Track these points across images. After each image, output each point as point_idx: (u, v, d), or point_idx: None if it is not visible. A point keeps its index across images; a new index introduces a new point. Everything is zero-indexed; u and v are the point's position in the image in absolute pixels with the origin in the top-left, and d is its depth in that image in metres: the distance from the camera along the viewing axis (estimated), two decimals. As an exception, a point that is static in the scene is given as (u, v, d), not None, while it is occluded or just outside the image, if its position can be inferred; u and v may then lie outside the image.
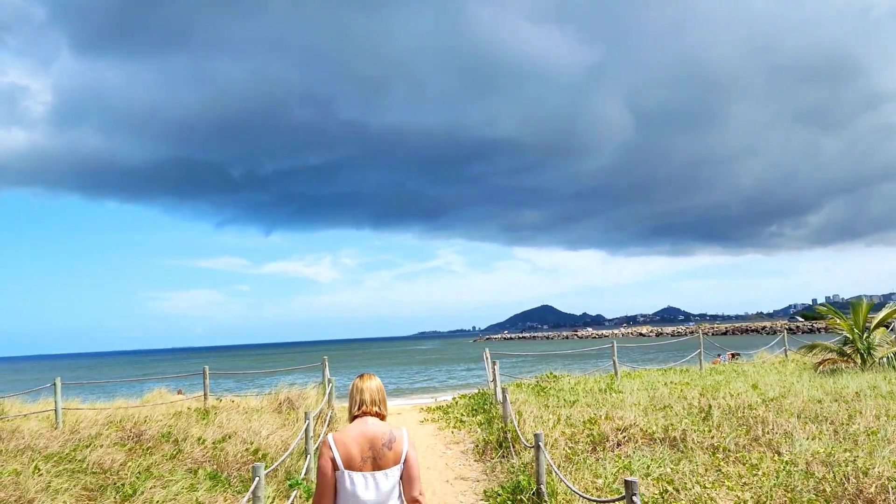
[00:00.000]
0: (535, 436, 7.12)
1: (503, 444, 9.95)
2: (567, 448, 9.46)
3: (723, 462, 8.92)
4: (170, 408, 13.29)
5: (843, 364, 16.90)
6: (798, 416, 11.04)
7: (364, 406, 3.56)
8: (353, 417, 3.58)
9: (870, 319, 17.26)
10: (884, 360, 15.95)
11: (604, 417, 11.56)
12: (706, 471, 8.53)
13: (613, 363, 17.05)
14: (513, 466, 9.03)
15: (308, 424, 8.60)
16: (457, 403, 16.04)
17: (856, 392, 12.72)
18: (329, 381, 12.73)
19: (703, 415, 11.68)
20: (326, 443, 3.42)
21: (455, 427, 12.91)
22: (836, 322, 17.55)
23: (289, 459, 8.89)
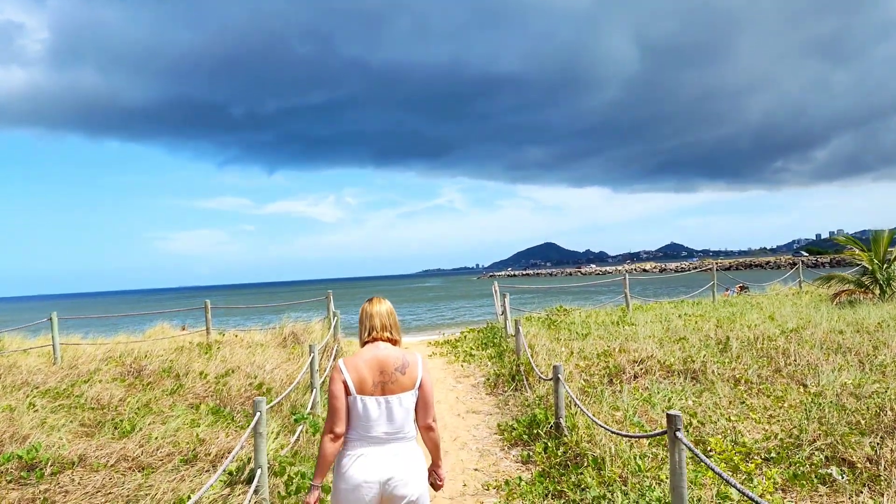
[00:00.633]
0: (554, 368, 6.70)
1: (516, 378, 9.59)
2: (582, 381, 9.10)
3: (746, 394, 8.57)
4: (172, 343, 12.96)
5: (862, 296, 16.47)
6: (819, 348, 10.65)
7: (374, 332, 3.42)
8: (364, 343, 3.45)
9: (890, 251, 16.73)
10: (904, 292, 15.50)
11: (618, 350, 11.20)
12: (730, 403, 8.17)
13: (625, 296, 16.64)
14: (527, 400, 8.67)
15: (313, 358, 8.21)
16: (465, 337, 15.71)
17: (878, 323, 12.29)
18: (334, 315, 12.35)
19: (721, 346, 11.31)
20: (338, 367, 3.31)
21: (465, 361, 12.58)
22: (856, 253, 17.03)
23: (294, 394, 8.54)
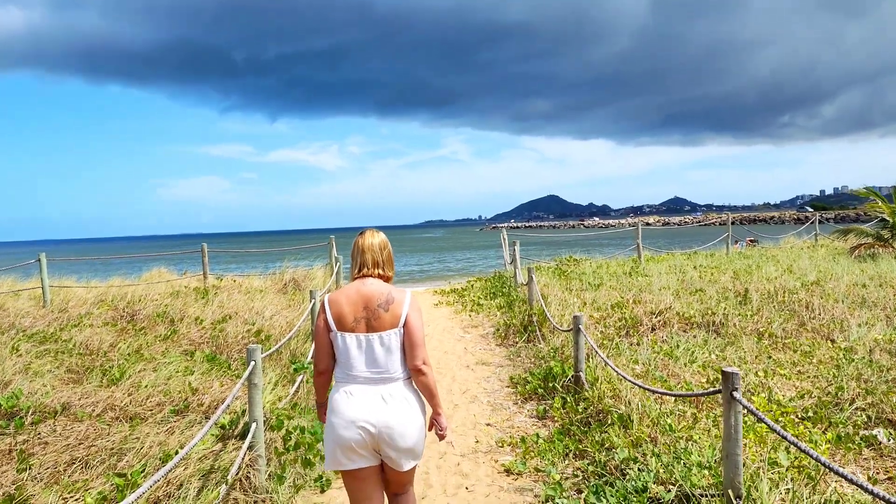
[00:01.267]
0: (575, 318, 6.17)
1: (528, 328, 9.09)
2: (598, 333, 8.62)
3: (771, 349, 8.10)
4: (168, 287, 12.48)
5: (881, 249, 15.91)
6: (843, 302, 10.16)
7: (365, 268, 3.24)
8: (353, 279, 3.27)
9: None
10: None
11: (632, 301, 10.72)
12: (756, 358, 7.70)
13: (637, 246, 16.08)
14: (540, 352, 8.20)
15: (314, 304, 7.70)
16: (472, 286, 15.19)
17: (902, 277, 11.78)
18: (336, 260, 11.83)
19: (740, 299, 10.82)
20: (321, 303, 3.21)
21: (472, 310, 12.09)
22: (878, 205, 16.41)
23: (293, 342, 8.06)
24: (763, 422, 3.00)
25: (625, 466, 4.56)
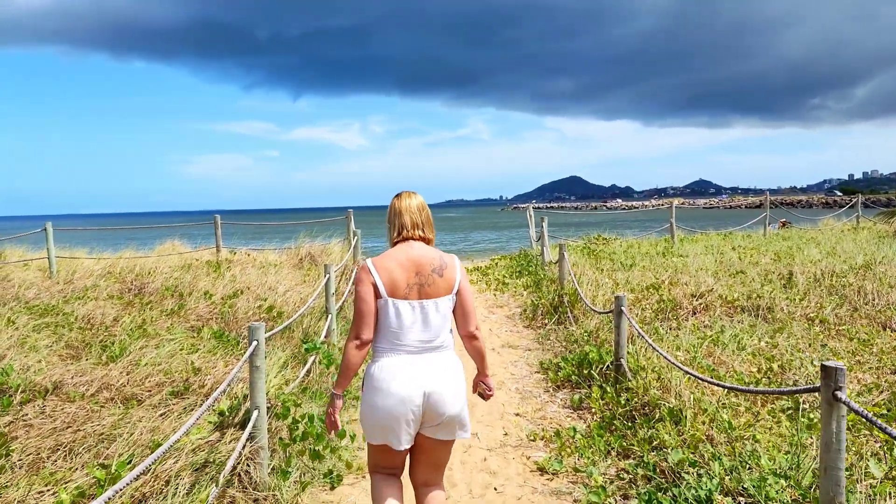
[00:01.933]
0: (617, 298, 5.53)
1: (559, 309, 8.46)
2: (633, 316, 7.98)
3: (824, 336, 7.41)
4: (180, 259, 12.00)
5: (931, 233, 15.02)
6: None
7: (405, 230, 3.00)
8: (394, 244, 3.03)
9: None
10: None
11: (669, 283, 10.04)
12: (810, 346, 7.01)
13: (671, 225, 15.32)
14: (572, 335, 7.57)
15: (329, 279, 7.13)
16: (496, 265, 14.54)
17: (960, 262, 10.95)
18: (354, 234, 11.25)
19: (784, 282, 10.10)
20: (365, 267, 2.94)
21: (497, 290, 11.46)
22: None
23: (306, 319, 7.50)
24: (885, 432, 2.36)
25: (680, 470, 3.94)
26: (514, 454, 4.83)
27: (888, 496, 3.16)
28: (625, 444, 4.60)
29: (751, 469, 3.68)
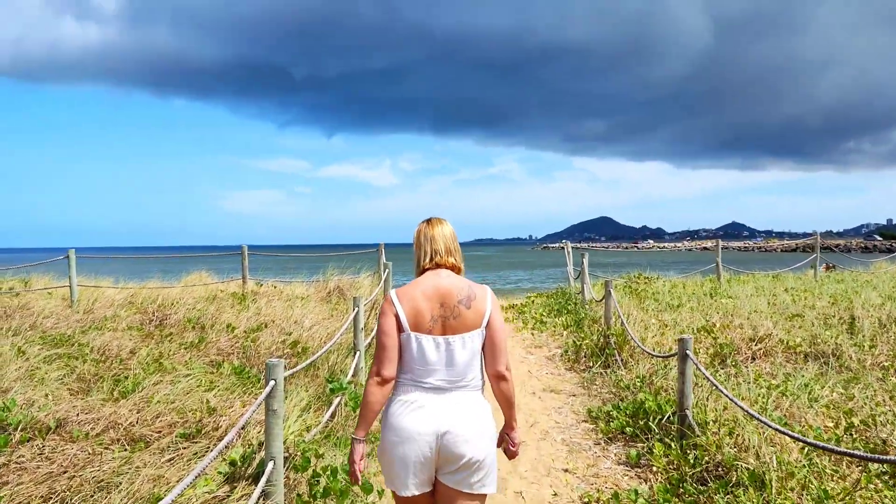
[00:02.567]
0: (681, 341, 4.90)
1: (605, 351, 7.80)
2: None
3: (903, 389, 6.65)
4: (205, 291, 11.60)
5: None
6: (975, 337, 8.57)
7: (438, 256, 2.75)
8: (423, 271, 2.78)
9: None
10: None
11: (720, 325, 9.34)
12: (891, 398, 6.26)
13: (717, 265, 14.57)
14: (621, 380, 6.90)
15: (357, 313, 6.60)
16: (533, 302, 13.89)
17: None
18: (385, 267, 10.76)
19: (846, 326, 9.32)
20: (389, 298, 2.70)
21: (535, 329, 10.81)
22: None
23: (332, 356, 6.96)
24: None
25: (772, 549, 3.27)
26: (566, 519, 4.19)
27: None
28: (698, 513, 3.94)
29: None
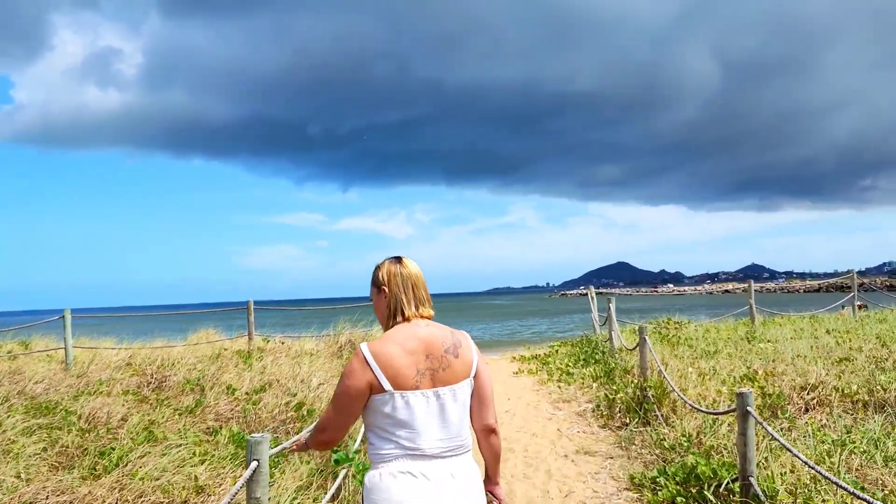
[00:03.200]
0: (741, 396, 4.19)
1: (643, 406, 7.04)
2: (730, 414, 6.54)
3: None
4: (209, 349, 11.00)
5: None
6: None
7: (421, 306, 2.38)
8: (394, 324, 2.36)
9: None
10: None
11: (763, 373, 8.57)
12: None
13: (750, 307, 13.78)
14: (664, 438, 6.14)
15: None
16: (556, 352, 13.12)
17: None
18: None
19: (902, 372, 8.50)
20: (361, 356, 2.24)
21: (561, 381, 10.04)
22: None
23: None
24: None
25: None
26: None
27: None
28: None
29: None
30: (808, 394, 7.35)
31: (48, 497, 4.65)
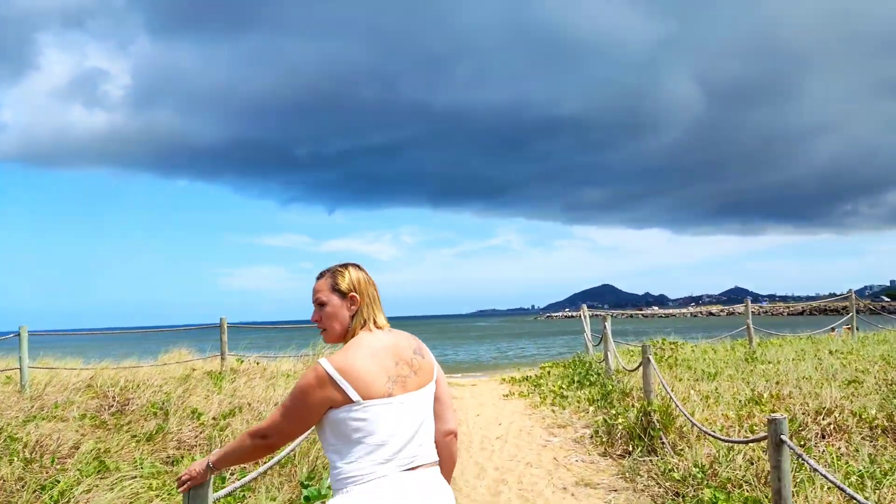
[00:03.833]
0: (773, 422, 3.64)
1: (648, 432, 6.45)
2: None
3: None
4: (181, 369, 10.32)
5: None
6: None
7: (378, 319, 2.29)
8: (353, 333, 2.25)
9: None
10: None
11: (769, 395, 8.08)
12: None
13: (747, 327, 13.29)
14: (674, 468, 5.57)
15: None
16: (549, 373, 12.50)
17: None
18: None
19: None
20: (322, 371, 2.08)
21: (555, 404, 9.42)
22: None
23: (315, 448, 5.62)
24: None
25: None
26: None
27: None
28: None
29: None
30: (824, 419, 6.83)
31: (-30, 541, 4.00)
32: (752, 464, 5.24)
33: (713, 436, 4.84)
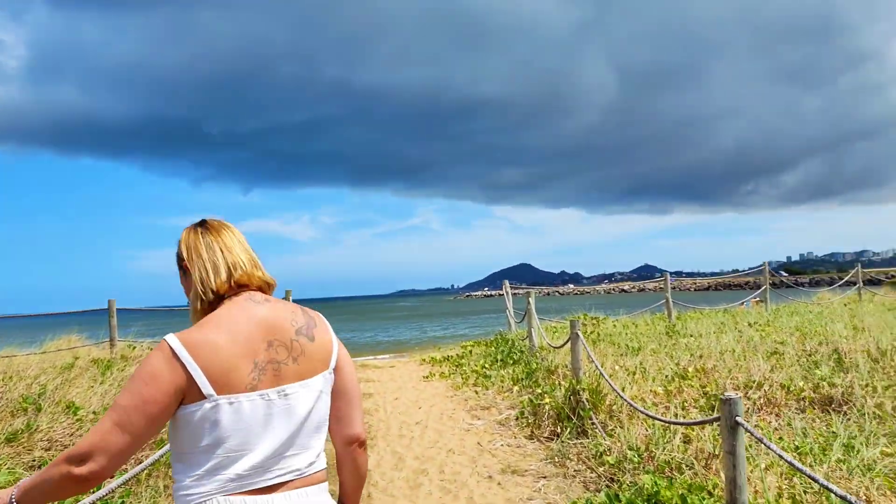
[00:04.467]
0: (728, 402, 3.22)
1: (576, 412, 6.04)
2: (670, 416, 5.70)
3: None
4: (69, 356, 9.28)
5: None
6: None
7: (238, 271, 1.70)
8: (216, 302, 1.68)
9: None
10: None
11: (694, 370, 7.92)
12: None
13: (667, 301, 13.26)
14: (606, 451, 5.17)
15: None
16: (470, 352, 12.07)
17: None
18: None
19: (834, 363, 8.02)
20: (168, 350, 1.54)
21: (477, 385, 8.97)
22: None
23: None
24: None
25: None
26: None
27: None
28: None
29: None
30: (754, 392, 6.64)
31: None
32: (689, 444, 4.91)
33: (655, 417, 4.43)
